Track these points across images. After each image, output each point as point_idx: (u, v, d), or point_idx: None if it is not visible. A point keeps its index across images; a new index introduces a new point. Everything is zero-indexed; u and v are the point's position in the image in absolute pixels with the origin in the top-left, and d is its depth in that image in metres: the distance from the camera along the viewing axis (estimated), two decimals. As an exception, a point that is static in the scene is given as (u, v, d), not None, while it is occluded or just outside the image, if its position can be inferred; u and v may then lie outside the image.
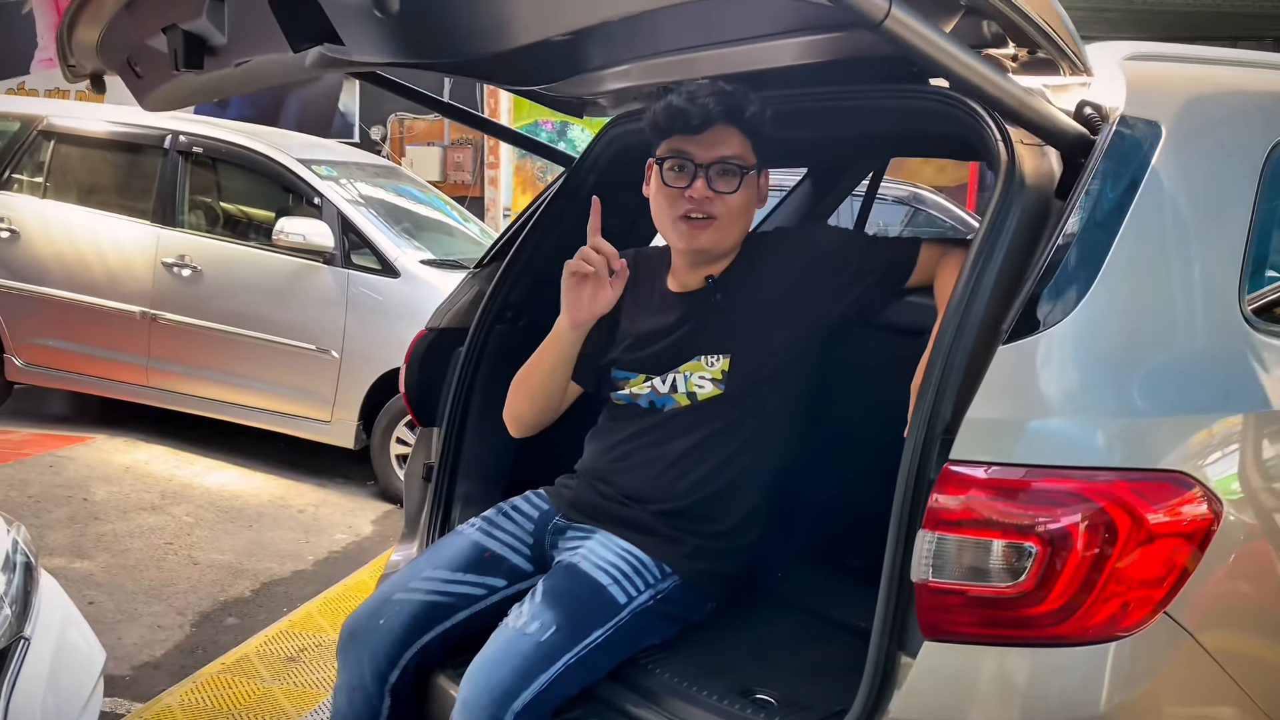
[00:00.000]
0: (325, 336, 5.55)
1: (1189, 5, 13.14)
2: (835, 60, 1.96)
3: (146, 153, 6.10)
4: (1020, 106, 1.48)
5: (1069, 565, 1.34)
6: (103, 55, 2.02)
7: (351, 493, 5.67)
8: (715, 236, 2.00)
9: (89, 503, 5.09)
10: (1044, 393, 1.43)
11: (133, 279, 5.88)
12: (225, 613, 4.09)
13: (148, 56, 1.91)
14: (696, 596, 2.01)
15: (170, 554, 4.59)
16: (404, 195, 6.66)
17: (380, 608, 1.99)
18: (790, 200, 3.20)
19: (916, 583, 1.41)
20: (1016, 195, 1.55)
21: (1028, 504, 1.36)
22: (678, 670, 1.87)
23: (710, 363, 2.01)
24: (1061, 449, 1.41)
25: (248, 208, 6.26)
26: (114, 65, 2.04)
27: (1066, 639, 1.36)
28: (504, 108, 11.71)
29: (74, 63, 2.04)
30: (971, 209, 11.63)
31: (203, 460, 5.91)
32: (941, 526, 1.39)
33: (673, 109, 1.95)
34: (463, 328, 2.48)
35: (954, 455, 1.40)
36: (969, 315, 1.49)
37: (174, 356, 5.87)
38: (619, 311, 2.16)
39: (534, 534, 2.12)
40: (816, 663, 1.93)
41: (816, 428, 2.10)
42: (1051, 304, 1.44)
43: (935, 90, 1.73)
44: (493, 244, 2.63)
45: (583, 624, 1.81)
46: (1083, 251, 1.47)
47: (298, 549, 4.80)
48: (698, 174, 1.96)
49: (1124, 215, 1.50)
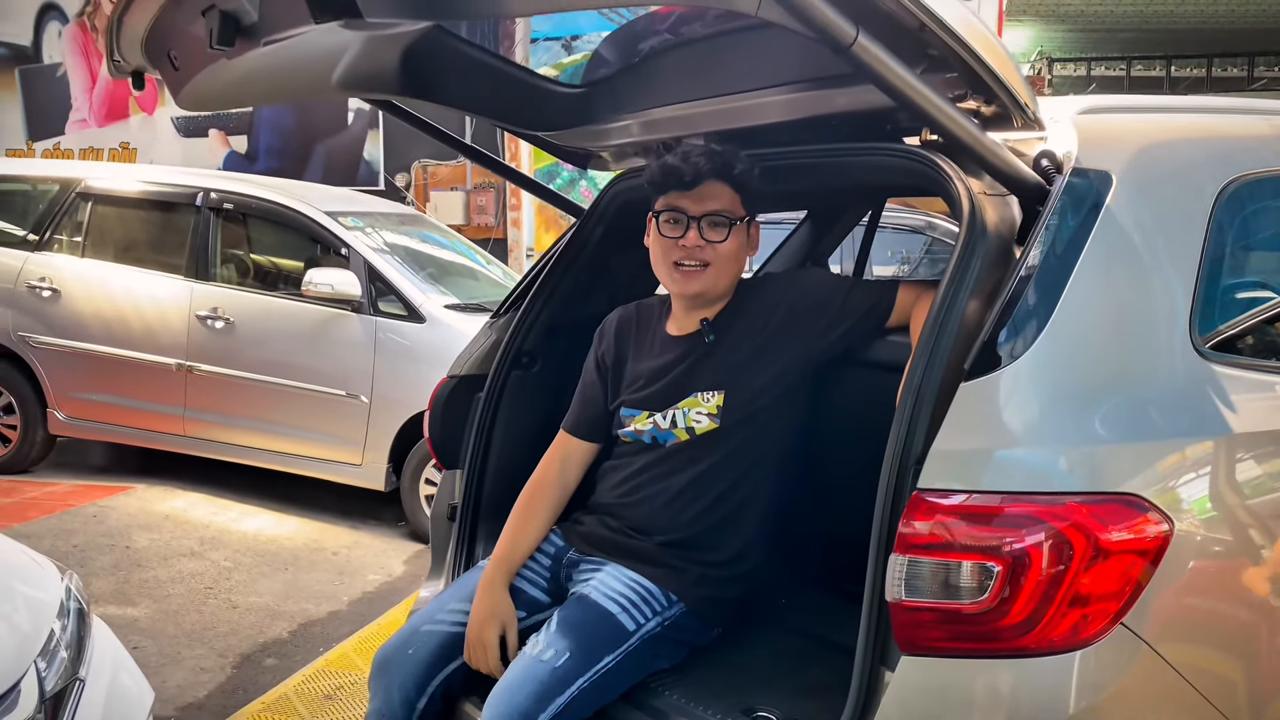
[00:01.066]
0: (355, 382, 5.71)
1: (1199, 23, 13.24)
2: (820, 116, 2.12)
3: (179, 210, 6.33)
4: (990, 156, 1.62)
5: (1029, 582, 1.46)
6: (148, 49, 2.14)
7: (383, 534, 5.81)
8: (708, 281, 2.16)
9: (131, 550, 5.26)
10: (1005, 424, 1.56)
11: (168, 332, 6.09)
12: (264, 654, 4.22)
13: (185, 45, 2.03)
14: (702, 623, 2.15)
15: (210, 598, 4.74)
16: (428, 241, 6.85)
17: (409, 639, 2.14)
18: (792, 241, 3.34)
19: (891, 602, 1.54)
20: (979, 241, 1.69)
21: (990, 527, 1.49)
22: (685, 692, 2.01)
23: (706, 399, 2.15)
24: (1022, 476, 1.53)
25: (277, 259, 6.47)
26: (156, 59, 2.16)
27: (1031, 650, 1.49)
28: (525, 150, 11.93)
29: (119, 58, 2.18)
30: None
31: (239, 506, 6.08)
32: (912, 550, 1.52)
33: (668, 167, 2.12)
34: (482, 374, 2.63)
35: (921, 484, 1.53)
36: (936, 354, 1.62)
37: (209, 406, 6.05)
38: (624, 361, 2.31)
39: (550, 568, 2.26)
40: (815, 682, 2.05)
41: (810, 460, 2.23)
42: (1011, 341, 1.57)
43: (902, 147, 1.87)
44: (507, 296, 2.79)
45: (594, 650, 1.95)
46: (1039, 292, 1.61)
47: (332, 590, 4.94)
48: (690, 225, 2.12)
49: (1078, 256, 1.63)
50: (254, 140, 12.65)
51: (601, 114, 2.49)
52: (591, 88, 2.50)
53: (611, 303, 2.66)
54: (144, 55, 2.13)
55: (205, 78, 2.04)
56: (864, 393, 2.17)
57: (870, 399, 2.08)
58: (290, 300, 5.95)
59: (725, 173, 2.11)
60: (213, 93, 2.15)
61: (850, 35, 1.41)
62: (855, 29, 1.41)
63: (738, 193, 2.14)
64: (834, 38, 1.41)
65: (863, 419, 2.16)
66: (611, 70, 2.46)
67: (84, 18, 12.86)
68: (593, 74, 2.51)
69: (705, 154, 2.11)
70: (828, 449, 2.26)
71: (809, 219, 3.30)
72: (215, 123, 12.58)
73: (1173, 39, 14.61)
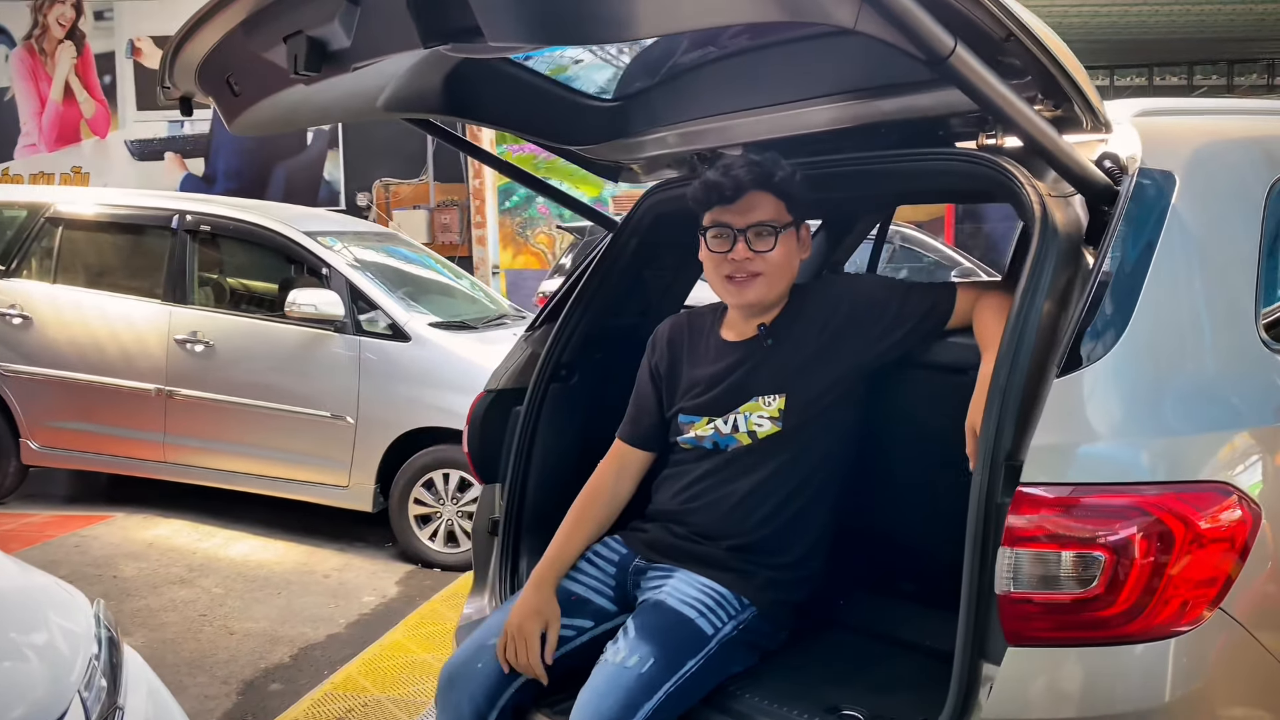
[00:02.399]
0: (339, 403, 5.66)
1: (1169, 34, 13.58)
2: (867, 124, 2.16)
3: (154, 233, 6.24)
4: (1066, 159, 1.67)
5: (1133, 571, 1.51)
6: (202, 75, 2.12)
7: (372, 555, 5.76)
8: (762, 290, 2.18)
9: (120, 580, 5.16)
10: (1099, 418, 1.61)
11: (146, 357, 6.00)
12: (268, 679, 4.17)
13: (250, 72, 2.02)
14: (773, 625, 2.17)
15: (206, 625, 4.67)
16: (404, 259, 6.82)
17: (476, 653, 2.13)
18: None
19: (999, 595, 1.58)
20: (1051, 243, 1.73)
21: (1094, 519, 1.53)
22: (764, 693, 2.03)
23: (767, 402, 2.18)
24: (1119, 468, 1.59)
25: (255, 281, 6.40)
26: (210, 86, 2.14)
27: (1135, 637, 1.53)
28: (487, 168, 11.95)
29: (169, 84, 2.16)
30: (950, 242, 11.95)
31: (223, 532, 5.99)
32: (1018, 543, 1.56)
33: (709, 183, 2.15)
34: (519, 388, 2.63)
35: (1024, 479, 1.57)
36: (1019, 355, 1.66)
37: (191, 431, 5.96)
38: (678, 368, 2.33)
39: (615, 576, 2.27)
40: (888, 679, 2.09)
41: (868, 463, 2.27)
42: (1097, 339, 1.62)
43: (972, 152, 1.92)
44: (543, 308, 2.80)
45: (677, 656, 1.96)
46: (1118, 290, 1.66)
47: (329, 613, 4.88)
48: (737, 238, 2.15)
49: (1151, 257, 1.69)
50: (212, 163, 12.52)
51: (636, 127, 2.51)
52: (626, 101, 2.52)
53: (644, 314, 2.69)
54: (197, 81, 2.11)
55: (267, 103, 2.03)
56: (920, 394, 2.21)
57: (926, 400, 2.13)
58: (272, 322, 5.89)
59: (766, 182, 2.14)
60: (267, 118, 2.14)
61: (949, 46, 1.44)
62: (954, 40, 1.44)
63: (781, 200, 2.16)
64: (933, 49, 1.44)
65: (918, 420, 2.21)
66: (647, 83, 2.49)
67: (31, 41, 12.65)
68: (627, 87, 2.53)
69: (745, 165, 2.13)
70: (883, 451, 2.30)
71: (823, 228, 3.35)
72: (171, 145, 12.44)
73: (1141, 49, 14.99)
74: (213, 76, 2.06)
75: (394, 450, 5.59)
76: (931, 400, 2.05)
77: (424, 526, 5.60)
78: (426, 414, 5.55)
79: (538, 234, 14.28)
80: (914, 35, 1.42)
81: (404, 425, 5.58)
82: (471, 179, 11.86)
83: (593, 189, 13.62)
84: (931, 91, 1.97)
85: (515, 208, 13.89)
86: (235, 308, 6.21)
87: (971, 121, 2.02)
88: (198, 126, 12.86)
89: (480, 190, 11.87)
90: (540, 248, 14.33)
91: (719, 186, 2.12)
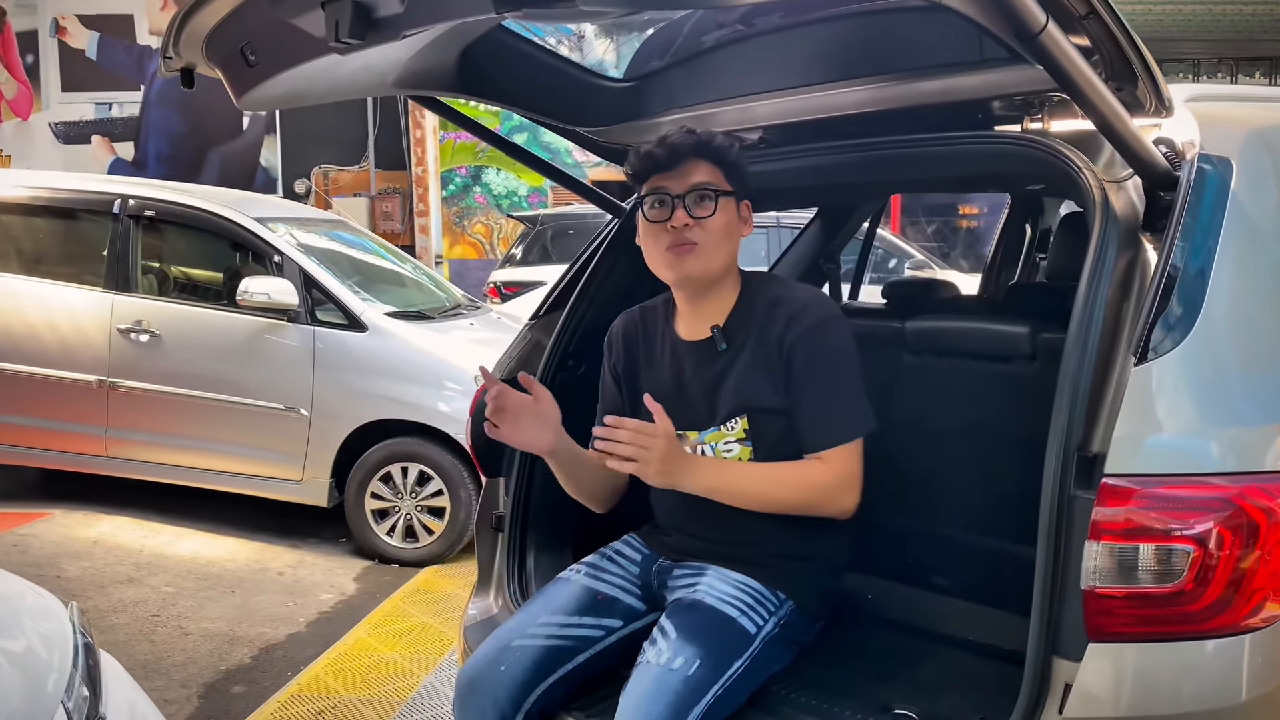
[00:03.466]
0: (293, 395, 5.49)
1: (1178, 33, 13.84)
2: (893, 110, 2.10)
3: (95, 218, 5.99)
4: (1135, 143, 1.62)
5: (1220, 564, 1.47)
6: (212, 44, 1.99)
7: (327, 552, 5.61)
8: (701, 261, 2.07)
9: (63, 580, 4.95)
10: (1175, 409, 1.57)
11: (88, 348, 5.75)
12: (230, 681, 4.02)
13: (271, 41, 1.89)
14: (810, 619, 2.10)
15: (159, 626, 4.49)
16: (354, 246, 6.64)
17: (500, 655, 2.03)
18: (802, 240, 3.34)
19: (1085, 590, 1.53)
20: (1113, 229, 1.69)
21: (1179, 511, 1.49)
22: (810, 693, 1.96)
23: (730, 427, 2.10)
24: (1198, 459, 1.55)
25: (203, 269, 6.19)
26: (218, 56, 2.01)
27: (1215, 632, 1.50)
28: (430, 154, 11.74)
29: (172, 54, 2.01)
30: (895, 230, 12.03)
31: (170, 529, 5.78)
32: (1105, 536, 1.51)
33: (645, 153, 2.08)
34: (524, 378, 2.53)
35: (1108, 470, 1.52)
36: (1087, 343, 1.62)
37: (135, 424, 5.74)
38: (635, 370, 2.25)
39: (640, 575, 2.18)
40: (935, 677, 2.04)
41: (896, 452, 2.20)
42: (1167, 329, 1.58)
43: (1029, 135, 1.87)
44: (546, 295, 2.70)
45: (724, 656, 1.88)
46: (1189, 276, 1.62)
47: (287, 612, 4.73)
48: (675, 204, 2.06)
49: (1216, 243, 1.66)
50: (142, 147, 12.12)
51: (651, 109, 2.43)
52: (641, 81, 2.44)
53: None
54: (204, 51, 1.97)
55: (285, 76, 1.89)
56: (956, 383, 2.17)
57: (962, 389, 2.08)
58: (221, 310, 5.69)
59: (703, 149, 2.07)
60: (281, 92, 2.00)
61: (1040, 22, 1.38)
62: (1046, 16, 1.38)
63: (719, 167, 2.09)
64: (1026, 25, 1.38)
65: (954, 409, 2.16)
66: (663, 63, 2.40)
67: (-53, 19, 12.12)
68: (641, 67, 2.45)
69: (682, 133, 2.08)
70: (914, 440, 2.25)
71: (819, 217, 3.30)
72: (99, 128, 12.00)
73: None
74: (225, 45, 1.92)
75: (350, 443, 5.45)
76: (966, 388, 2.01)
77: (382, 521, 5.47)
78: (384, 406, 5.42)
79: (475, 224, 14.11)
80: (1009, 10, 1.36)
81: (360, 418, 5.44)
82: (414, 166, 11.65)
83: (535, 178, 13.48)
84: (977, 73, 1.91)
85: (452, 196, 13.71)
86: (181, 296, 5.99)
87: (1016, 105, 1.97)
88: (127, 109, 12.44)
89: (423, 178, 11.66)
90: (478, 238, 14.15)
91: (654, 156, 2.06)
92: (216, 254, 6.10)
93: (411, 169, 11.64)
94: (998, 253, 5.42)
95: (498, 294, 9.27)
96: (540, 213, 10.66)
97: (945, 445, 2.26)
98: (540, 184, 13.53)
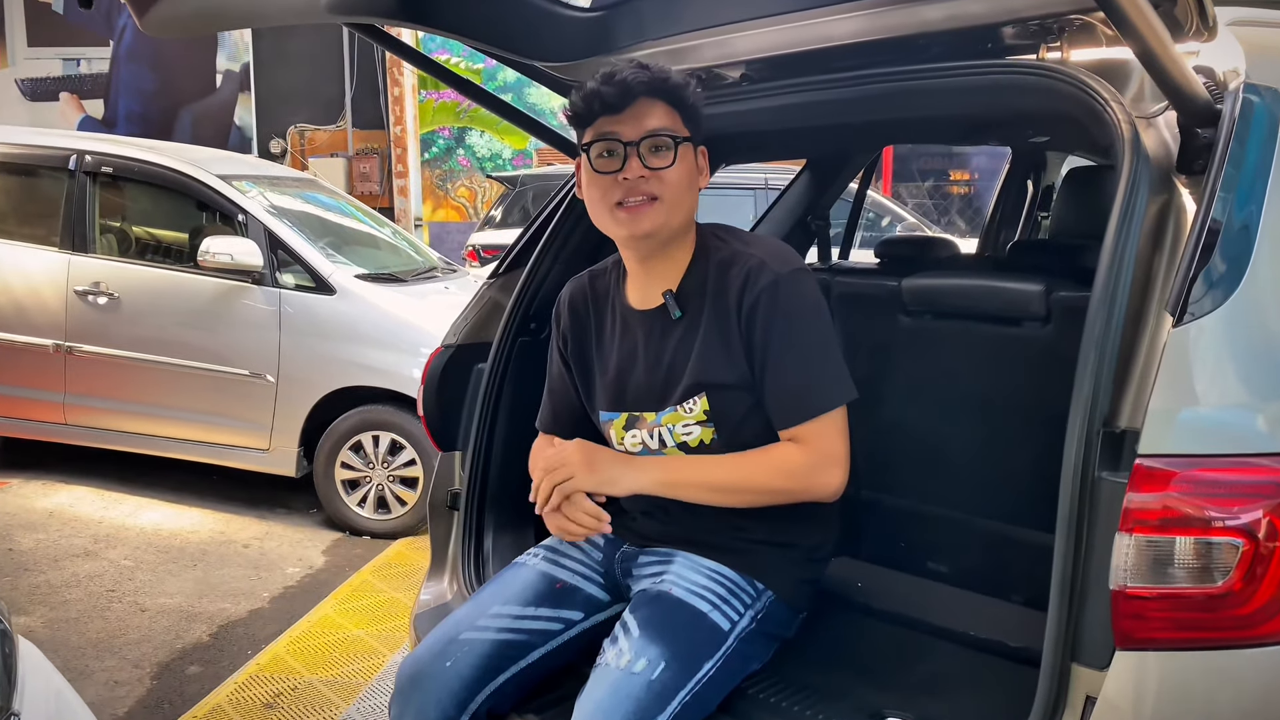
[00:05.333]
0: (258, 360, 5.28)
1: None
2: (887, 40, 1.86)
3: (49, 174, 5.73)
4: (1176, 72, 1.39)
5: (1275, 558, 1.26)
6: None
7: (296, 523, 5.42)
8: (661, 217, 1.81)
9: (15, 553, 4.75)
10: (1214, 380, 1.34)
11: (43, 310, 5.52)
12: (185, 661, 3.82)
13: None
14: (790, 610, 1.89)
15: (114, 602, 4.29)
16: (325, 207, 6.40)
17: (446, 648, 1.81)
18: (790, 194, 3.11)
19: (1114, 590, 1.31)
20: (1144, 172, 1.47)
21: (1227, 498, 1.27)
22: (792, 696, 1.75)
23: (688, 409, 1.85)
24: (1242, 437, 1.32)
25: (164, 229, 5.93)
26: None
27: (1264, 639, 1.28)
28: (409, 113, 11.43)
29: None
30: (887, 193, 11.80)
31: (131, 499, 5.58)
32: (1139, 528, 1.29)
33: (589, 92, 1.80)
34: (482, 343, 2.31)
35: (1143, 450, 1.30)
36: (1115, 301, 1.40)
37: (94, 391, 5.52)
38: (586, 343, 2.01)
39: (603, 563, 1.96)
40: (931, 676, 1.83)
41: (886, 423, 1.99)
42: (1209, 286, 1.36)
43: (1047, 65, 1.63)
44: (505, 252, 2.47)
45: (692, 657, 1.66)
46: (1234, 226, 1.40)
47: (250, 586, 4.54)
48: (629, 153, 1.79)
49: (1264, 188, 1.43)
50: (112, 105, 11.79)
51: (620, 42, 2.18)
52: (609, 11, 2.19)
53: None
54: None
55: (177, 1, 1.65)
56: (958, 348, 1.94)
57: (965, 354, 1.85)
58: (183, 272, 5.45)
59: (659, 87, 1.80)
60: (188, 12, 1.75)
61: None
62: None
63: (677, 110, 1.82)
64: None
65: (955, 375, 1.94)
66: (634, -10, 2.16)
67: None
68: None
69: (633, 70, 1.79)
70: (908, 410, 2.03)
71: (808, 169, 3.06)
72: (67, 85, 11.67)
73: None
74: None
75: (318, 411, 5.26)
76: (970, 353, 1.78)
77: (352, 492, 5.28)
78: (354, 373, 5.21)
79: (459, 187, 13.82)
80: None
81: (329, 384, 5.24)
82: (393, 126, 11.34)
83: (519, 140, 13.20)
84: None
85: (435, 159, 13.42)
86: (142, 257, 5.74)
87: (1030, 32, 1.73)
88: (96, 65, 12.09)
89: (402, 138, 11.36)
90: (461, 201, 13.87)
91: (602, 95, 1.77)
92: (179, 213, 5.85)
93: (390, 129, 11.34)
94: (997, 211, 5.20)
95: (476, 257, 9.02)
96: (521, 173, 10.37)
97: (945, 417, 2.04)
98: (524, 146, 13.23)
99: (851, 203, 3.92)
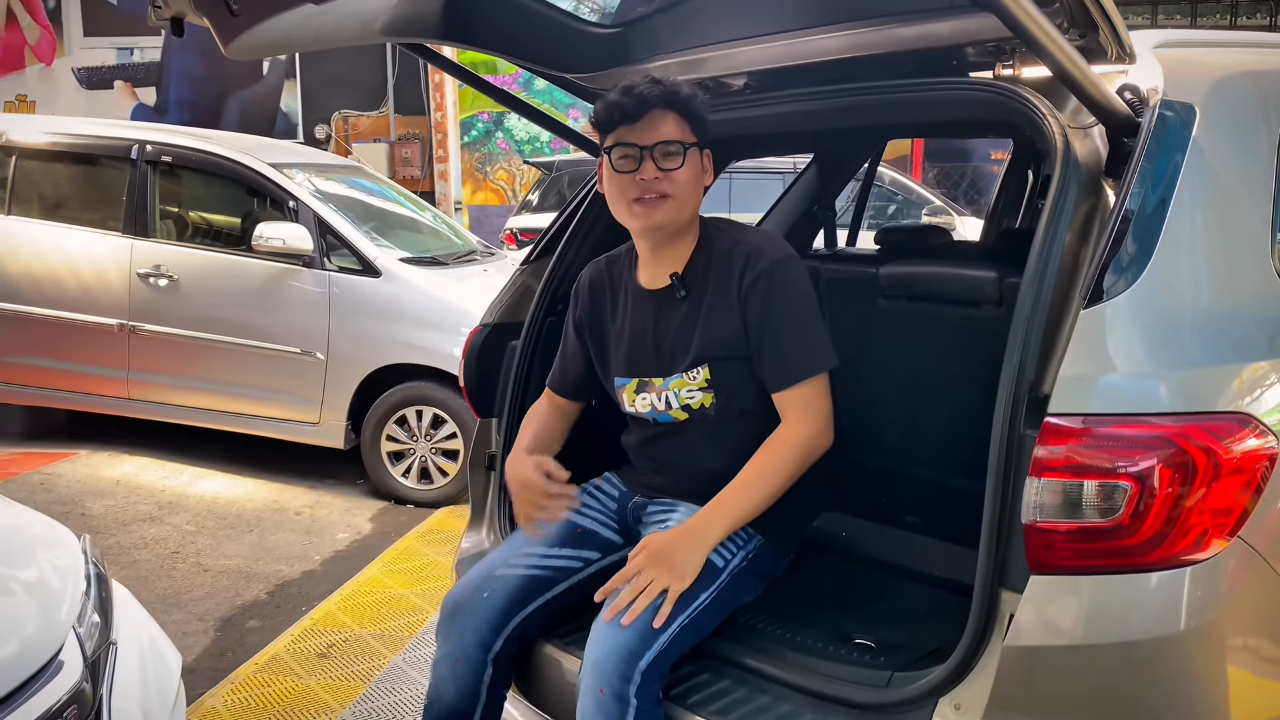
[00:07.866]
0: (309, 339, 5.59)
1: None
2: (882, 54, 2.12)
3: (114, 164, 6.07)
4: (1093, 90, 1.65)
5: (1158, 499, 1.52)
6: None
7: (344, 492, 5.73)
8: (671, 212, 2.11)
9: (87, 518, 5.09)
10: (1119, 351, 1.60)
11: (108, 292, 5.87)
12: (246, 616, 4.15)
13: None
14: (778, 552, 2.18)
15: (179, 563, 4.63)
16: (370, 192, 6.70)
17: (483, 582, 2.12)
18: (798, 186, 3.36)
19: (1026, 524, 1.59)
20: (1074, 175, 1.72)
21: (1119, 449, 1.54)
22: (776, 623, 2.04)
23: (692, 376, 2.15)
24: (1144, 399, 1.58)
25: (220, 214, 6.26)
26: (205, 5, 2.03)
27: (1153, 565, 1.55)
28: (449, 99, 11.71)
29: (160, 3, 2.05)
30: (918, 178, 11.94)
31: (191, 469, 5.93)
32: (1046, 473, 1.56)
33: (610, 103, 2.10)
34: (515, 322, 2.60)
35: (1051, 410, 1.57)
36: (1042, 286, 1.66)
37: (155, 367, 5.87)
38: (601, 321, 2.31)
39: (617, 511, 2.28)
40: (898, 610, 2.11)
41: (868, 393, 2.26)
42: (1121, 271, 1.62)
43: (994, 83, 1.89)
44: (536, 241, 2.75)
45: (690, 589, 1.95)
46: (1142, 222, 1.65)
47: (303, 550, 4.86)
48: (644, 157, 2.09)
49: (1173, 189, 1.68)
50: (164, 92, 12.18)
51: (637, 55, 2.46)
52: (627, 27, 2.46)
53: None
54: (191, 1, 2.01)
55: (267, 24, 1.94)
56: (925, 326, 2.21)
57: (932, 332, 2.12)
58: (238, 256, 5.78)
59: (671, 100, 2.09)
60: (266, 40, 2.04)
61: None
62: None
63: (686, 119, 2.11)
64: None
65: (924, 352, 2.20)
66: (649, 9, 2.43)
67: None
68: (627, 13, 2.47)
69: (649, 84, 2.09)
70: (885, 381, 2.30)
71: (815, 163, 3.32)
72: (121, 74, 12.06)
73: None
74: (213, -8, 1.96)
75: (365, 387, 5.55)
76: (938, 332, 2.04)
77: (397, 463, 5.57)
78: (398, 350, 5.50)
79: (498, 170, 14.10)
80: None
81: (375, 362, 5.53)
82: (433, 112, 11.64)
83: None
84: (949, 19, 1.93)
85: (474, 142, 13.70)
86: (198, 241, 6.08)
87: (988, 51, 1.99)
88: (148, 54, 12.47)
89: (442, 124, 11.65)
90: (500, 184, 14.15)
91: (621, 106, 2.08)
92: (233, 199, 6.16)
93: (431, 114, 11.63)
94: (1000, 199, 5.40)
95: (514, 240, 9.29)
96: (557, 158, 10.63)
97: (918, 388, 2.32)
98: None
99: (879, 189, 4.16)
